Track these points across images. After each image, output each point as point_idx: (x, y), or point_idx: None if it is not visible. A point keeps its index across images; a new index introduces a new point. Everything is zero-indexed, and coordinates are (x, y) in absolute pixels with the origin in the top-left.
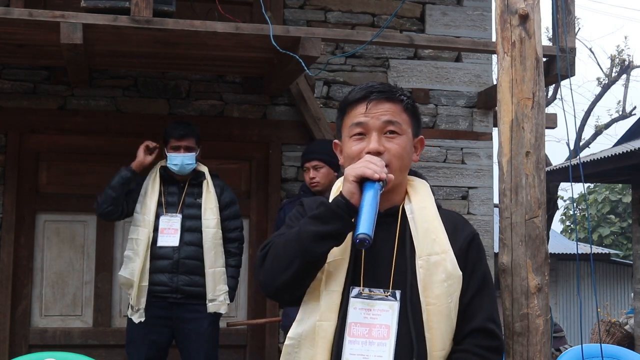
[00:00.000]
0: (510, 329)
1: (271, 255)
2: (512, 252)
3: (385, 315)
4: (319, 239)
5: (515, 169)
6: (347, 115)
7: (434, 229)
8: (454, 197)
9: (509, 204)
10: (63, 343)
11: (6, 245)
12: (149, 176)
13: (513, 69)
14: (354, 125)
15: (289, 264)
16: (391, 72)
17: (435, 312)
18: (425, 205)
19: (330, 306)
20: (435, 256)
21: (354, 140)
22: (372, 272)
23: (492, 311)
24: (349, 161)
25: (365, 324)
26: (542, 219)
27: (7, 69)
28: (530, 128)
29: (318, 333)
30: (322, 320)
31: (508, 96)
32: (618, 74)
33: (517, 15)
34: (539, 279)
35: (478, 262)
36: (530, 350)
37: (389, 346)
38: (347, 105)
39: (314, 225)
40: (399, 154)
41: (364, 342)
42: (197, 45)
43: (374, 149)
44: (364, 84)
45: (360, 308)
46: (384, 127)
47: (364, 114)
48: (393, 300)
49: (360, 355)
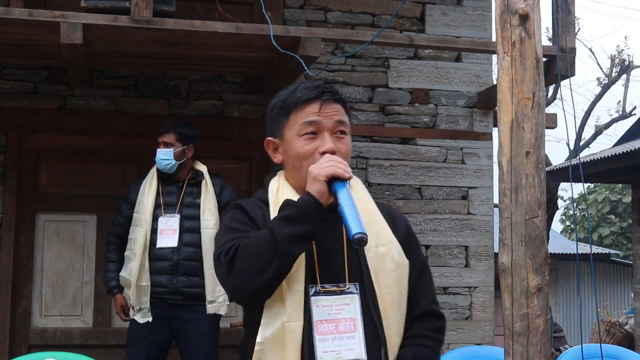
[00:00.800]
0: (510, 329)
1: (242, 260)
2: (512, 252)
3: (349, 309)
4: (295, 240)
5: (515, 169)
6: (296, 113)
7: (376, 221)
8: (454, 197)
9: (509, 204)
10: (63, 343)
11: (6, 245)
12: (147, 176)
13: (513, 69)
14: (305, 124)
15: (265, 267)
16: (391, 72)
17: (389, 301)
18: (364, 198)
19: (296, 306)
20: (382, 247)
21: (305, 139)
22: (327, 269)
23: (434, 293)
24: (297, 160)
25: (331, 320)
26: (542, 219)
27: (7, 69)
28: (530, 128)
29: (287, 334)
30: (290, 321)
31: (508, 96)
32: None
33: (517, 15)
34: (539, 279)
35: (417, 248)
36: (530, 350)
37: (358, 338)
38: (298, 103)
39: (288, 226)
40: (347, 154)
41: (333, 338)
42: (197, 45)
43: (330, 148)
44: (309, 83)
45: (322, 305)
46: (335, 127)
47: (317, 113)
48: (353, 293)
49: (333, 352)
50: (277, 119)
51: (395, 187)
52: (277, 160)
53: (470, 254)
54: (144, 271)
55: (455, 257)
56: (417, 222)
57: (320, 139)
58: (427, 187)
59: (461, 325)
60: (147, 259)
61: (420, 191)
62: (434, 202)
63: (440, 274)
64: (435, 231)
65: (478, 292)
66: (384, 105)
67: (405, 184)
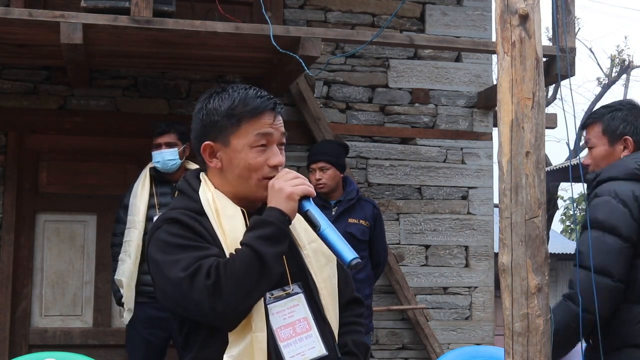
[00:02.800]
0: (510, 329)
1: (229, 283)
2: (512, 252)
3: (299, 310)
4: (279, 259)
5: (515, 169)
6: (250, 122)
7: (301, 219)
8: (454, 197)
9: (509, 204)
10: (63, 343)
11: (6, 245)
12: (138, 178)
13: (513, 69)
14: (260, 135)
15: (253, 289)
16: (391, 72)
17: (327, 294)
18: None
19: (261, 316)
20: (312, 244)
21: (257, 151)
22: None
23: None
24: (245, 171)
25: (288, 325)
26: (542, 219)
27: (7, 69)
28: (530, 128)
29: (255, 345)
30: (257, 332)
31: (508, 96)
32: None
33: (517, 15)
34: (539, 279)
35: None
36: (530, 350)
37: (315, 335)
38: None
39: (271, 246)
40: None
41: (294, 341)
42: (197, 45)
43: (281, 162)
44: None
45: (276, 312)
46: (281, 140)
47: (271, 125)
48: (297, 293)
49: (299, 354)
50: (222, 125)
51: (395, 187)
52: (213, 166)
53: (470, 254)
54: (136, 272)
55: (455, 257)
56: (417, 222)
57: (270, 151)
58: (427, 187)
59: (461, 325)
60: (139, 260)
61: (420, 191)
62: (434, 202)
63: (440, 274)
64: (435, 231)
65: (478, 292)
66: (384, 105)
67: (405, 184)
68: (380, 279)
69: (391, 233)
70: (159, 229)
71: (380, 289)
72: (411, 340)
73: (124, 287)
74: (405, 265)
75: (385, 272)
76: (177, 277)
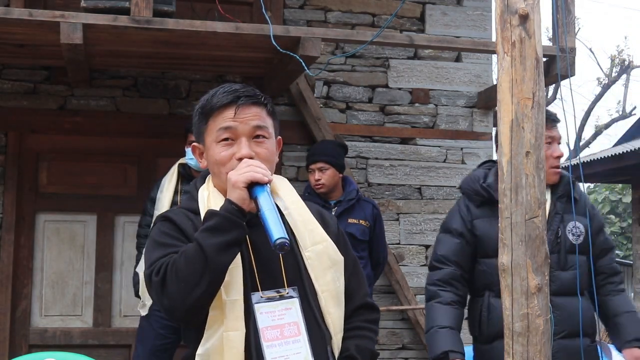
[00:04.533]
0: (510, 329)
1: (172, 277)
2: (512, 252)
3: (290, 313)
4: (223, 250)
5: (515, 169)
6: (213, 119)
7: (308, 220)
8: (454, 197)
9: (509, 204)
10: (63, 343)
11: (6, 245)
12: (167, 174)
13: (513, 69)
14: (221, 130)
15: (197, 282)
16: (391, 72)
17: (329, 298)
18: (294, 199)
19: (235, 315)
20: (318, 245)
21: (222, 145)
22: (266, 275)
23: (367, 287)
24: (216, 167)
25: (275, 326)
26: (542, 219)
27: (7, 69)
28: (530, 128)
29: (226, 344)
30: (229, 330)
31: (508, 96)
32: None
33: (517, 15)
34: (539, 279)
35: (347, 245)
36: (530, 350)
37: (303, 341)
38: (213, 109)
39: (214, 237)
40: (268, 158)
41: (279, 343)
42: (197, 45)
43: (246, 154)
44: (227, 87)
45: (265, 312)
46: (252, 132)
47: (233, 118)
48: (292, 297)
49: (281, 357)
50: (198, 125)
51: (395, 187)
52: (202, 166)
53: None
54: None
55: None
56: (417, 222)
57: (237, 145)
58: (427, 187)
59: None
60: None
61: (420, 191)
62: (434, 202)
63: None
64: (435, 231)
65: None
66: (384, 105)
67: (405, 184)
68: (380, 279)
69: (391, 233)
70: (154, 225)
71: (380, 289)
72: (411, 340)
73: (140, 280)
74: (405, 265)
75: (385, 272)
76: (145, 274)
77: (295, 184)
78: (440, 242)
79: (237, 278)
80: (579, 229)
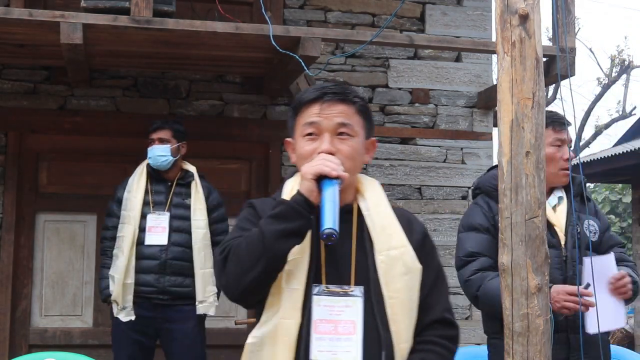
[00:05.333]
0: (510, 329)
1: (233, 258)
2: (512, 252)
3: (350, 311)
4: (282, 237)
5: (515, 169)
6: (301, 114)
7: (390, 224)
8: (454, 197)
9: (509, 204)
10: (63, 343)
11: (6, 245)
12: (134, 173)
13: (513, 69)
14: (306, 125)
15: (253, 265)
16: (391, 72)
17: (398, 305)
18: (380, 202)
19: (292, 304)
20: (394, 250)
21: (307, 140)
22: (333, 269)
23: (448, 302)
24: (301, 161)
25: (331, 321)
26: (542, 219)
27: (7, 69)
28: (530, 128)
29: (279, 331)
30: (285, 319)
31: (508, 96)
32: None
33: (517, 15)
34: (539, 279)
35: (432, 255)
36: (530, 350)
37: (356, 341)
38: (301, 105)
39: (275, 224)
40: (350, 156)
41: (330, 338)
42: (197, 45)
43: (326, 149)
44: (319, 84)
45: (324, 305)
46: (336, 129)
47: (317, 114)
48: (356, 296)
49: (329, 352)
50: (290, 121)
51: (395, 187)
52: (292, 161)
53: None
54: (131, 269)
55: (455, 257)
56: None
57: (320, 140)
58: (427, 187)
59: (461, 325)
60: (134, 257)
61: (420, 191)
62: (434, 202)
63: None
64: (435, 231)
65: None
66: (384, 105)
67: (405, 184)
68: None
69: None
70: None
71: None
72: None
73: (115, 283)
74: None
75: None
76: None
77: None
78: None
79: (301, 268)
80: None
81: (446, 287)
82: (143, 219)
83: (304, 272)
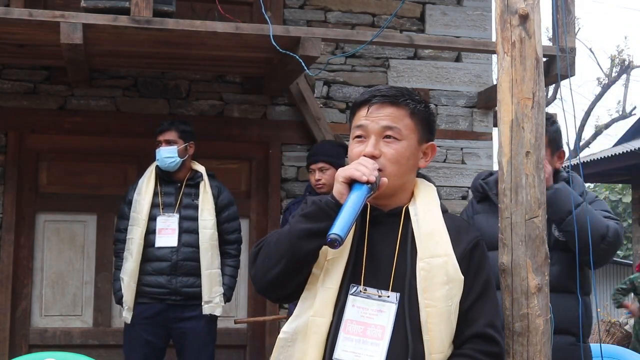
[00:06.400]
0: (510, 329)
1: (263, 252)
2: (512, 252)
3: (381, 316)
4: (307, 237)
5: (515, 169)
6: (354, 116)
7: (437, 231)
8: (454, 197)
9: (509, 204)
10: (63, 343)
11: (6, 245)
12: (143, 175)
13: (513, 69)
14: (356, 128)
15: (278, 261)
16: (391, 72)
17: (435, 314)
18: (430, 208)
19: (325, 302)
20: (437, 258)
21: (356, 142)
22: (372, 271)
23: (493, 317)
24: (349, 162)
25: (361, 323)
26: (542, 219)
27: (7, 69)
28: (530, 128)
29: (311, 328)
30: (316, 316)
31: (508, 96)
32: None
33: (517, 15)
34: (539, 279)
35: (480, 267)
36: (530, 350)
37: (382, 347)
38: (355, 107)
39: (303, 223)
40: (395, 159)
41: (357, 340)
42: (197, 45)
43: (368, 152)
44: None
45: (357, 306)
46: (382, 132)
47: (365, 117)
48: (391, 302)
49: (353, 353)
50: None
51: None
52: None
53: None
54: (137, 271)
55: None
56: None
57: (366, 143)
58: None
59: None
60: (140, 258)
61: None
62: None
63: None
64: None
65: None
66: None
67: None
68: None
69: None
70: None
71: None
72: None
73: (124, 285)
74: None
75: None
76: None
77: (295, 184)
78: None
79: (338, 268)
80: None
81: (494, 302)
82: (153, 221)
83: (339, 271)
